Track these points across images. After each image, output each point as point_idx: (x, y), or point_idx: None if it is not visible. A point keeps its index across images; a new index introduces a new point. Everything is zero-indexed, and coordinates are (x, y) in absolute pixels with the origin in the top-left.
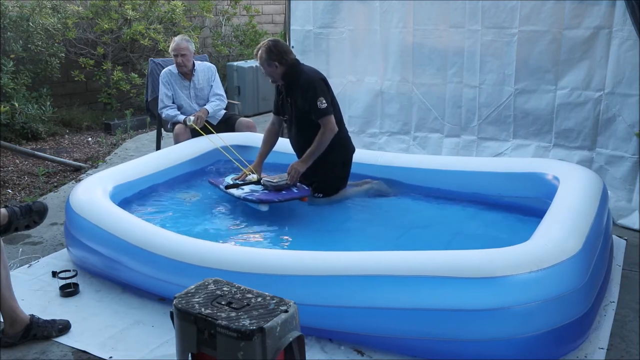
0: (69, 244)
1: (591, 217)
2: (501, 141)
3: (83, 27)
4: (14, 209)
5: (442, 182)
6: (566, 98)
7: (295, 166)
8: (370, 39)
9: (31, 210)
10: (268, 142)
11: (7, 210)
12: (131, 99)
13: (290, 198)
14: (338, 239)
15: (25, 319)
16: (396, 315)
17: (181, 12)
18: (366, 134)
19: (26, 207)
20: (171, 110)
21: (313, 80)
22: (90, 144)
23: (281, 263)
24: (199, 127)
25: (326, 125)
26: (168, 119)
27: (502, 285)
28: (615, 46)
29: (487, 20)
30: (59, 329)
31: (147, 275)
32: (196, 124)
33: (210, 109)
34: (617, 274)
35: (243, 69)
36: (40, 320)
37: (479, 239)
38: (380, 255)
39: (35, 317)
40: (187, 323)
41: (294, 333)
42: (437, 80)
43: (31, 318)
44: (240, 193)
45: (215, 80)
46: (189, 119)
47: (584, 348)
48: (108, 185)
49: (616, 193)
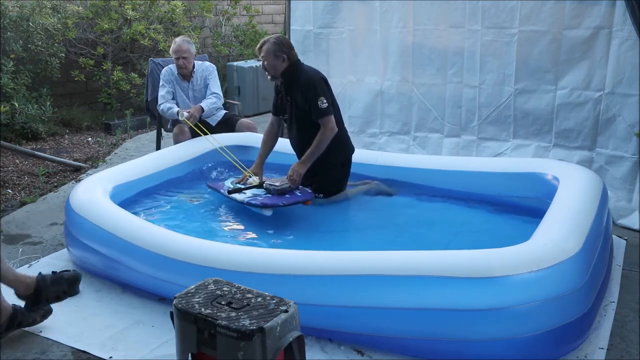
0: (69, 244)
1: (591, 217)
2: (501, 141)
3: (83, 27)
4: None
5: (442, 182)
6: (566, 98)
7: (295, 168)
8: (370, 39)
9: (62, 279)
10: (267, 143)
11: (37, 277)
12: (131, 99)
13: (294, 202)
14: (338, 239)
15: (8, 308)
16: (396, 315)
17: (181, 12)
18: (366, 134)
19: (58, 275)
20: (168, 103)
21: (314, 79)
22: (90, 144)
23: (281, 263)
24: (192, 124)
25: (326, 125)
26: (164, 112)
27: (502, 285)
28: (615, 46)
29: (487, 20)
30: (41, 314)
31: (147, 275)
32: (189, 120)
33: (205, 107)
34: (617, 274)
35: (243, 69)
36: (23, 308)
37: (478, 239)
38: (380, 255)
39: (17, 306)
40: (187, 323)
41: (294, 333)
42: (437, 80)
43: (14, 307)
44: (243, 198)
45: (212, 78)
46: (182, 114)
47: (584, 348)
48: (108, 185)
49: (616, 193)
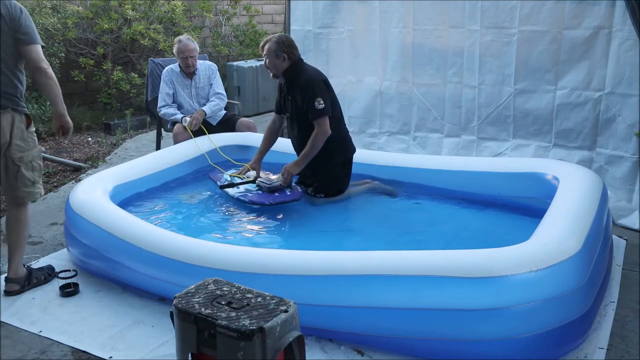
0: (69, 244)
1: (591, 217)
2: (501, 141)
3: (83, 27)
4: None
5: (442, 182)
6: (566, 98)
7: (288, 168)
8: (369, 39)
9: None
10: (267, 139)
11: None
12: (131, 99)
13: (282, 201)
14: (338, 239)
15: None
16: (396, 315)
17: (181, 12)
18: (366, 134)
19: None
20: (170, 108)
21: (313, 79)
22: (90, 144)
23: (281, 263)
24: (193, 130)
25: (320, 126)
26: (166, 117)
27: (502, 285)
28: (615, 46)
29: (487, 20)
30: (47, 273)
31: (147, 275)
32: (192, 126)
33: (208, 110)
34: (617, 274)
35: (243, 69)
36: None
37: (478, 239)
38: (380, 255)
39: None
40: (187, 323)
41: (294, 333)
42: (436, 80)
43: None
44: (234, 193)
45: (215, 78)
46: (184, 120)
47: (584, 348)
48: (108, 185)
49: (616, 193)
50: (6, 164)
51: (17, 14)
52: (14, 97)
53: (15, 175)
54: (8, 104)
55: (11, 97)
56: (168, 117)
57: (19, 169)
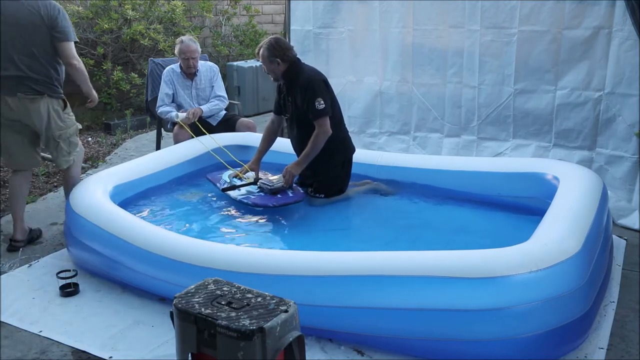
0: (69, 244)
1: (591, 217)
2: (501, 141)
3: (83, 27)
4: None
5: (442, 182)
6: (566, 98)
7: (289, 169)
8: (369, 39)
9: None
10: (267, 139)
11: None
12: (131, 99)
13: (285, 203)
14: (338, 239)
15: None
16: (396, 316)
17: (181, 12)
18: (366, 134)
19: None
20: (167, 107)
21: (313, 80)
22: (90, 144)
23: (281, 263)
24: (187, 124)
25: (321, 126)
26: (163, 116)
27: (502, 285)
28: (615, 46)
29: (487, 20)
30: (37, 235)
31: (147, 275)
32: (187, 120)
33: (206, 109)
34: (617, 274)
35: (243, 69)
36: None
37: (478, 239)
38: (381, 255)
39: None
40: (187, 323)
41: (294, 333)
42: (436, 80)
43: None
44: (236, 195)
45: (217, 80)
46: (177, 115)
47: (584, 348)
48: (108, 185)
49: (616, 193)
50: (47, 140)
51: (54, 13)
52: (50, 85)
53: (56, 148)
54: (45, 90)
55: (47, 85)
56: (164, 116)
57: (58, 144)
